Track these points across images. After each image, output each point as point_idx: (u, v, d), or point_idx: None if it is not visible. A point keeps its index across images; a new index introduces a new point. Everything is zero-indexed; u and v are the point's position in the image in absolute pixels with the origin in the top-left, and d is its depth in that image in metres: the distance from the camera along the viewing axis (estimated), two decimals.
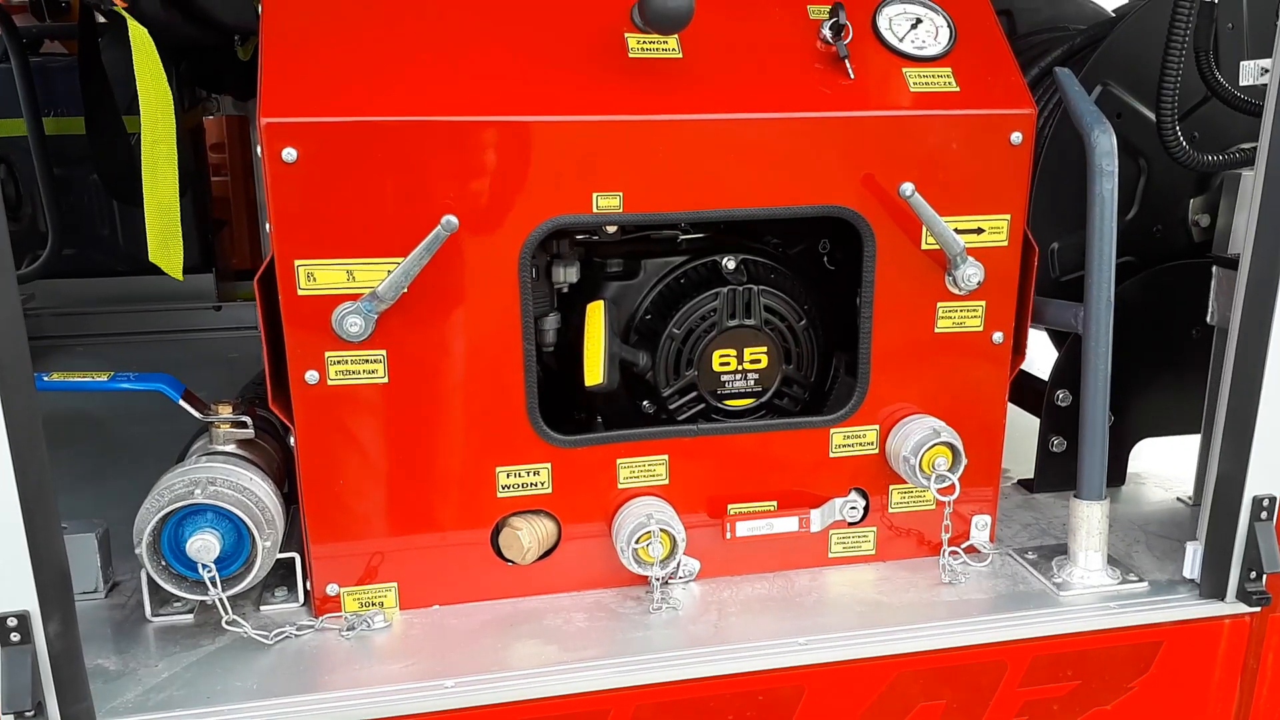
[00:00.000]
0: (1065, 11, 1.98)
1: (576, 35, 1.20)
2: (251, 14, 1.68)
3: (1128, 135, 1.47)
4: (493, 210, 1.14)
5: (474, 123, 1.12)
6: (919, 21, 1.27)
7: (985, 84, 1.24)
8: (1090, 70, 1.48)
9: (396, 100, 1.10)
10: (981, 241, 1.26)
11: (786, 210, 1.22)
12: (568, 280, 1.29)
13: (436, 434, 1.19)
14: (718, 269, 1.32)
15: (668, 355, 1.29)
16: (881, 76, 1.23)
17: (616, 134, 1.15)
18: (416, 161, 1.11)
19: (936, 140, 1.22)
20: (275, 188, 1.08)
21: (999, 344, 1.30)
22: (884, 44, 1.26)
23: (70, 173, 2.39)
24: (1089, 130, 1.21)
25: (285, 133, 1.07)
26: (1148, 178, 1.54)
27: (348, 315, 1.11)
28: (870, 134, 1.20)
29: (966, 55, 1.26)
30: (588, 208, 1.16)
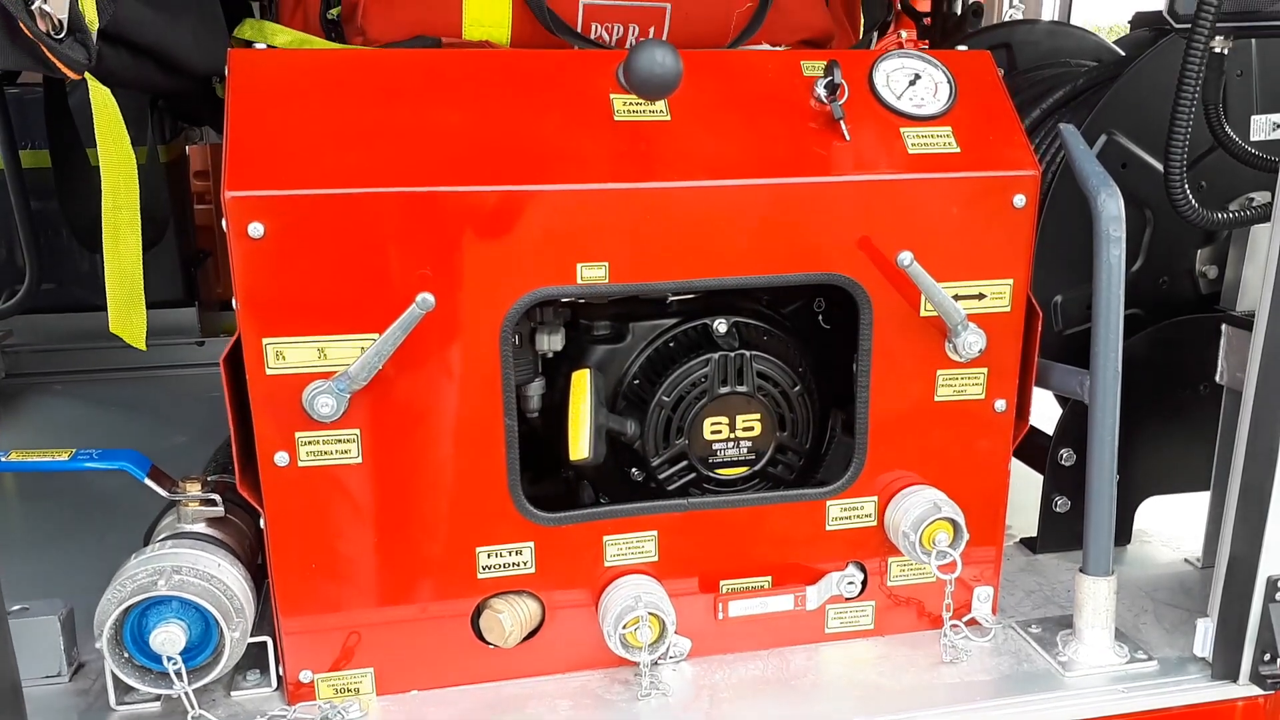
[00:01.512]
0: (1065, 45, 1.93)
1: (559, 97, 1.14)
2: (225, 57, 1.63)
3: (1133, 186, 1.41)
4: (471, 284, 1.08)
5: (450, 194, 1.06)
6: (917, 77, 1.22)
7: (986, 143, 1.19)
8: (1095, 120, 1.43)
9: (368, 171, 1.05)
10: (983, 307, 1.21)
11: (780, 279, 1.17)
12: (552, 348, 1.24)
13: (413, 515, 1.14)
14: (708, 332, 1.27)
15: (657, 423, 1.24)
16: (878, 137, 1.18)
17: (602, 203, 1.10)
18: (390, 235, 1.05)
19: (936, 204, 1.17)
20: (242, 265, 1.03)
21: (1001, 412, 1.25)
22: (881, 101, 1.20)
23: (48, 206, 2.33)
24: (1095, 193, 1.16)
25: (251, 207, 1.02)
26: (1154, 229, 1.49)
27: (319, 395, 1.06)
28: (867, 199, 1.15)
29: (967, 113, 1.21)
30: (572, 279, 1.11)
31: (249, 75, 1.09)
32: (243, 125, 1.05)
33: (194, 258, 2.56)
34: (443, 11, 1.56)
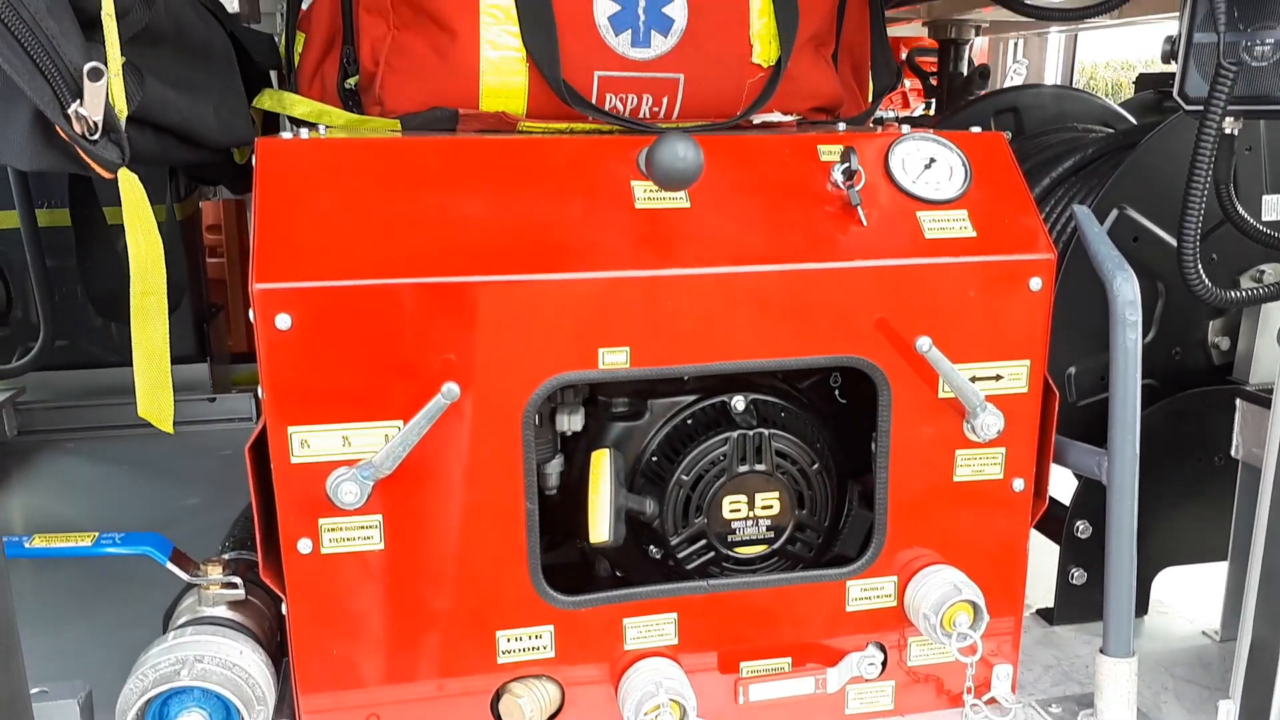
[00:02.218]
0: (1071, 109, 1.96)
1: (581, 184, 1.16)
2: (245, 129, 1.65)
3: (1145, 259, 1.43)
4: (495, 371, 1.09)
5: (474, 283, 1.08)
6: (933, 161, 1.24)
7: (1002, 227, 1.21)
8: (1106, 195, 1.45)
9: (393, 261, 1.06)
10: (1000, 388, 1.21)
11: (799, 362, 1.18)
12: (572, 428, 1.24)
13: (434, 599, 1.14)
14: (726, 410, 1.28)
15: (676, 502, 1.25)
16: (895, 221, 1.19)
17: (623, 289, 1.11)
18: (415, 323, 1.06)
19: (953, 288, 1.18)
20: (269, 355, 1.04)
21: (1019, 492, 1.25)
22: (897, 185, 1.22)
23: (64, 264, 2.35)
24: (1110, 277, 1.18)
25: (279, 299, 1.03)
26: (1166, 301, 1.50)
27: (343, 483, 1.07)
28: (885, 283, 1.16)
29: (982, 196, 1.22)
30: (593, 364, 1.12)
31: (276, 166, 1.10)
32: (270, 217, 1.07)
33: (206, 312, 2.57)
34: (460, 83, 1.58)
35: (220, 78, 1.55)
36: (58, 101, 0.89)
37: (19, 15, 0.85)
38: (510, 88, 1.59)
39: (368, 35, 1.62)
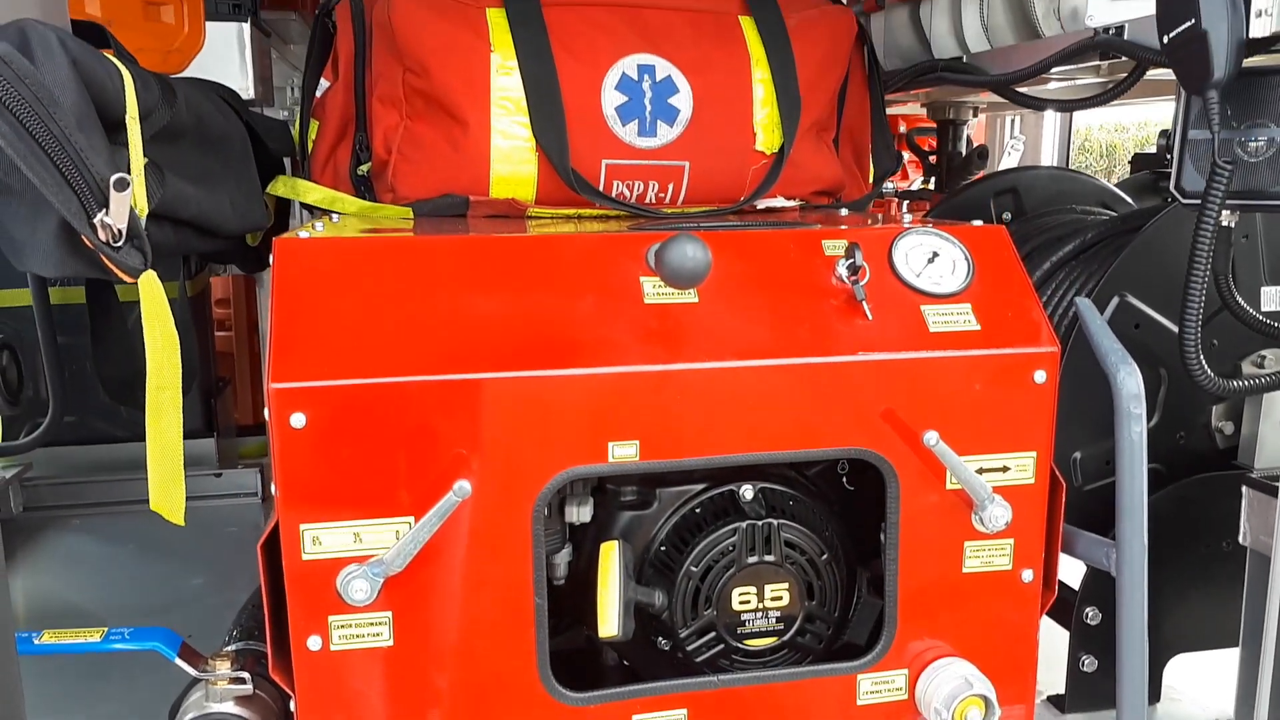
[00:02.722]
0: (1069, 190, 2.00)
1: (591, 280, 1.18)
2: (260, 216, 1.68)
3: (1147, 345, 1.45)
4: (506, 466, 1.10)
5: (486, 380, 1.09)
6: (936, 255, 1.26)
7: (1005, 320, 1.23)
8: (1107, 284, 1.47)
9: (407, 359, 1.08)
10: (1007, 480, 1.22)
11: (807, 454, 1.19)
12: (580, 519, 1.25)
13: (442, 695, 1.13)
14: (735, 499, 1.28)
15: (685, 594, 1.24)
16: (900, 315, 1.21)
17: (633, 384, 1.13)
18: (427, 420, 1.08)
19: (958, 381, 1.19)
20: (283, 454, 1.05)
21: (1029, 583, 1.25)
22: (900, 279, 1.24)
23: (74, 340, 2.37)
24: (1114, 371, 1.19)
25: (294, 398, 1.04)
26: (1168, 386, 1.52)
27: (354, 580, 1.07)
28: (891, 377, 1.18)
29: (985, 290, 1.24)
30: (603, 458, 1.13)
31: (294, 265, 1.12)
32: (287, 316, 1.09)
33: (214, 387, 2.59)
34: (471, 171, 1.63)
35: (236, 167, 1.58)
36: (84, 212, 0.92)
37: (50, 131, 0.88)
38: (520, 176, 1.63)
39: (381, 124, 1.67)
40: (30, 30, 0.92)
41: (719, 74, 1.68)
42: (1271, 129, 1.23)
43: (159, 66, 1.62)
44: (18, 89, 0.87)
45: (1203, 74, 1.14)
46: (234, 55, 1.89)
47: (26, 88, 0.87)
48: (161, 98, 1.26)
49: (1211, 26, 1.13)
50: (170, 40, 1.59)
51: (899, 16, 2.27)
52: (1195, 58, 1.15)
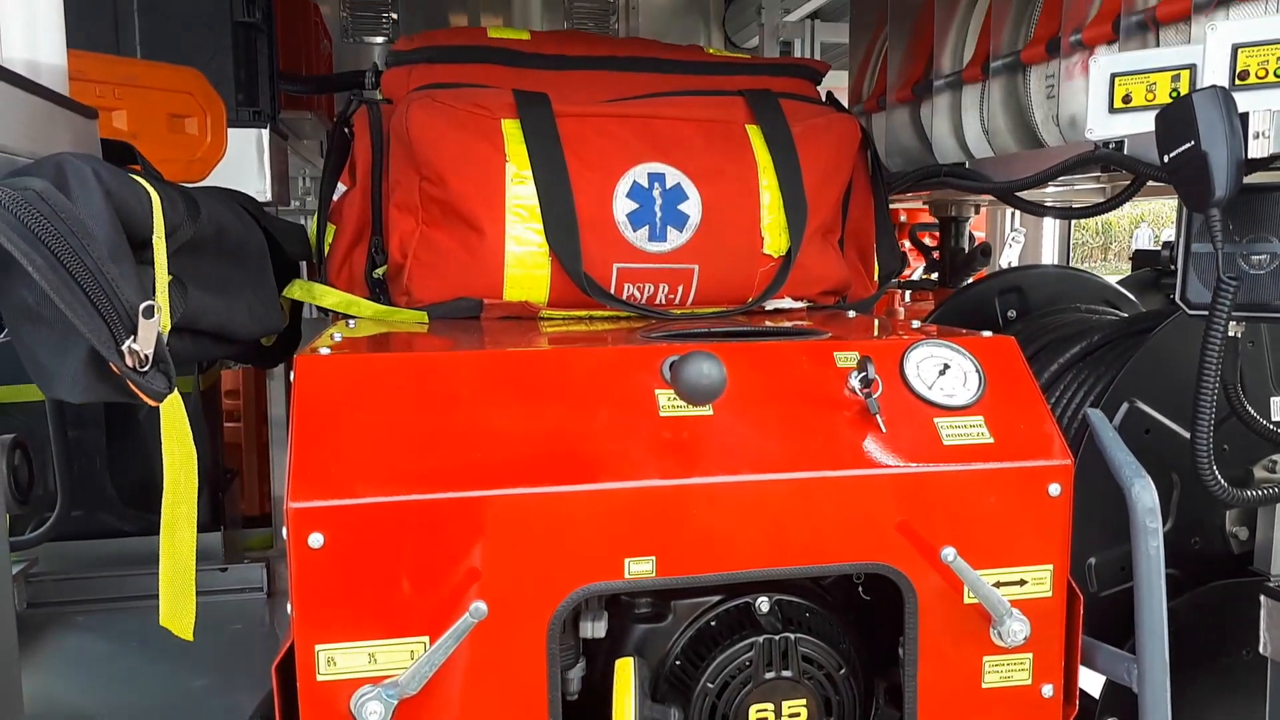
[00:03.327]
0: (1072, 289, 2.03)
1: (606, 394, 1.19)
2: (276, 320, 1.70)
3: (1158, 451, 1.46)
4: (521, 584, 1.10)
5: (502, 496, 1.10)
6: (947, 367, 1.28)
7: (1018, 433, 1.23)
8: (1115, 390, 1.48)
9: (424, 477, 1.09)
10: (1024, 593, 1.22)
11: (823, 569, 1.18)
12: (595, 634, 1.24)
13: None
14: (750, 611, 1.27)
15: (701, 711, 1.23)
16: (913, 428, 1.22)
17: (649, 500, 1.13)
18: (445, 539, 1.08)
19: (974, 494, 1.20)
20: (300, 575, 1.05)
21: (1049, 698, 1.24)
22: (913, 391, 1.25)
23: (83, 434, 2.38)
24: (1128, 484, 1.19)
25: (312, 518, 1.05)
26: (1181, 491, 1.51)
27: (368, 701, 1.06)
28: (906, 491, 1.18)
29: (996, 402, 1.25)
30: (619, 574, 1.13)
31: (313, 382, 1.14)
32: (307, 435, 1.09)
33: (222, 480, 2.59)
34: (485, 276, 1.65)
35: (254, 274, 1.61)
36: (113, 340, 0.93)
37: (84, 264, 0.90)
38: (533, 280, 1.66)
39: (397, 230, 1.70)
40: (67, 165, 0.95)
41: (727, 181, 1.71)
42: (1274, 243, 1.26)
43: (182, 175, 1.66)
44: (54, 224, 0.89)
45: (1205, 194, 1.17)
46: (253, 159, 1.94)
47: (62, 222, 0.90)
48: (186, 214, 1.29)
49: (1211, 148, 1.16)
50: (193, 150, 1.63)
51: (900, 116, 2.33)
52: (1196, 177, 1.18)
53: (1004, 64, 1.92)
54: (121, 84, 1.47)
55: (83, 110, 1.20)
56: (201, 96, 1.61)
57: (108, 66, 1.47)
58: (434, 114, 1.62)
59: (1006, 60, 1.91)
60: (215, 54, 1.83)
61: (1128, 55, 1.41)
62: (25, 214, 0.88)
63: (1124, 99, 1.40)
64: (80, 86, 1.31)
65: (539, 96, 1.68)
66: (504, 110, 1.65)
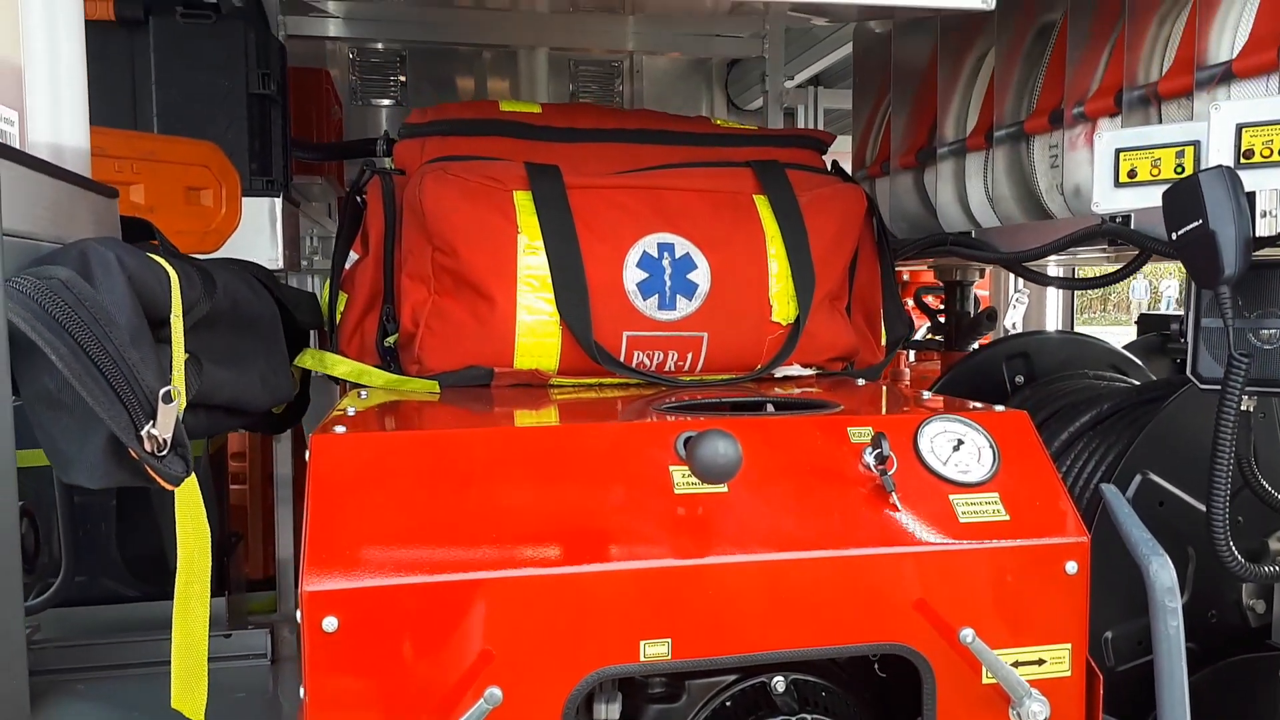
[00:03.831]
0: (1079, 354, 2.03)
1: (620, 471, 1.19)
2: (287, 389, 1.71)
3: (1172, 523, 1.45)
4: (536, 667, 1.09)
5: (517, 578, 1.09)
6: (961, 443, 1.28)
7: (1034, 510, 1.23)
8: (1128, 463, 1.48)
9: (439, 559, 1.08)
10: (1043, 673, 1.20)
11: (841, 649, 1.17)
12: (609, 716, 1.22)
13: None
14: (766, 691, 1.26)
15: None
16: (928, 505, 1.22)
17: (665, 580, 1.12)
18: (457, 622, 1.07)
19: (990, 572, 1.19)
20: (314, 659, 1.04)
21: None
22: (927, 467, 1.25)
23: (89, 499, 2.37)
24: (1146, 563, 1.19)
25: (327, 601, 1.04)
26: (1196, 564, 1.51)
27: None
28: (923, 569, 1.18)
29: (1011, 479, 1.25)
30: (634, 657, 1.12)
31: (329, 462, 1.14)
32: (322, 515, 1.09)
33: (227, 543, 2.57)
34: (496, 344, 1.66)
35: (267, 344, 1.62)
36: (133, 425, 0.93)
37: (106, 350, 0.91)
38: (544, 348, 1.67)
39: (409, 299, 1.72)
40: (91, 252, 0.96)
41: (736, 250, 1.73)
42: None
43: (197, 246, 1.68)
44: (78, 312, 0.90)
45: (1214, 272, 1.18)
46: (265, 228, 1.96)
47: (86, 310, 0.90)
48: (203, 290, 1.30)
49: (1219, 227, 1.18)
50: (209, 221, 1.65)
51: (904, 182, 2.36)
52: (1205, 255, 1.19)
53: (1007, 133, 1.95)
54: (140, 159, 1.50)
55: (103, 190, 1.22)
56: (218, 169, 1.64)
57: (127, 142, 1.49)
58: (448, 186, 1.64)
59: (1010, 130, 1.94)
60: (231, 125, 1.86)
61: (1132, 131, 1.43)
62: (49, 302, 0.89)
63: (1129, 174, 1.42)
64: (100, 163, 1.33)
65: (550, 169, 1.70)
66: (516, 182, 1.67)
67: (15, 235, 0.94)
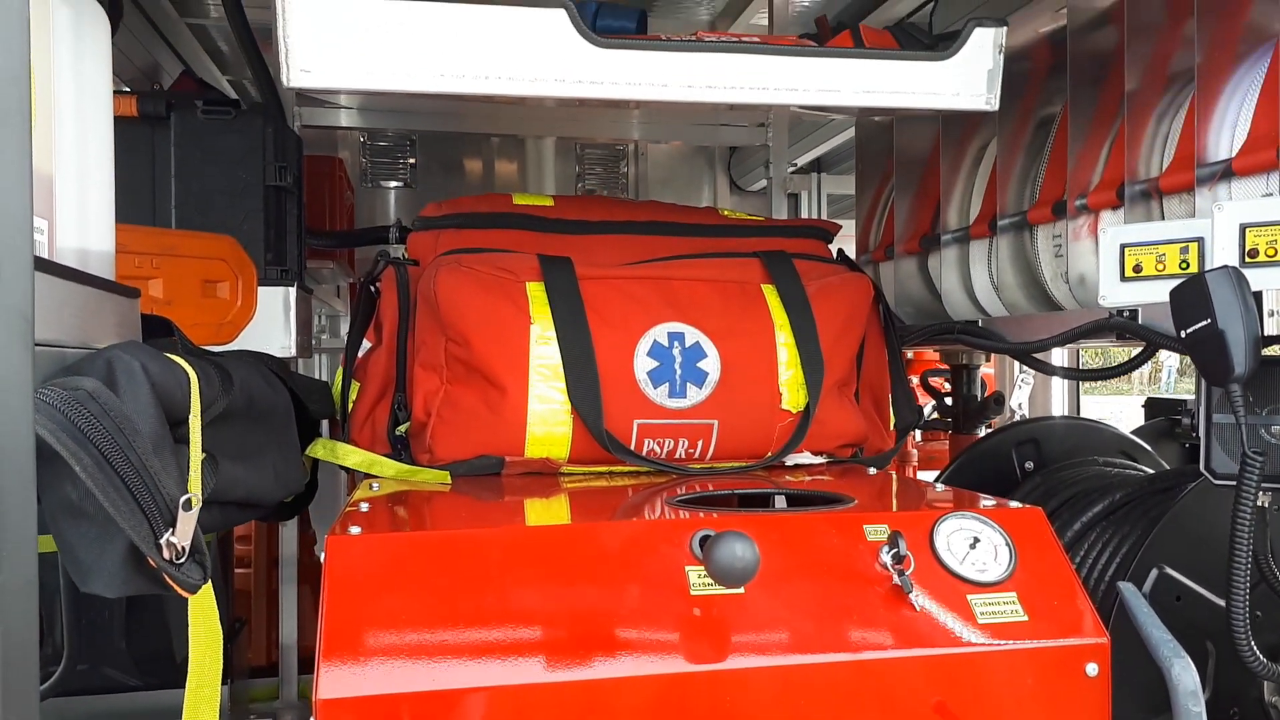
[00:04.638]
0: (1088, 440, 2.04)
1: (635, 572, 1.19)
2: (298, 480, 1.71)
3: (1191, 618, 1.44)
4: None
5: (531, 686, 1.08)
6: (977, 541, 1.27)
7: (1052, 609, 1.22)
8: (1143, 558, 1.48)
9: (453, 666, 1.07)
10: None
11: None
12: None
13: None
14: None
15: None
16: (947, 605, 1.21)
17: (682, 687, 1.11)
18: None
19: (1010, 674, 1.17)
20: None
21: None
22: (944, 566, 1.25)
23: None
24: (1168, 665, 1.18)
25: (342, 710, 1.03)
26: (1217, 659, 1.49)
27: None
28: (942, 671, 1.16)
29: (1029, 578, 1.25)
30: None
31: (344, 565, 1.13)
32: (338, 620, 1.08)
33: (231, 629, 2.54)
34: (507, 433, 1.67)
35: (279, 435, 1.62)
36: (153, 534, 0.93)
37: (129, 460, 0.91)
38: (555, 436, 1.67)
39: (421, 388, 1.73)
40: (116, 361, 0.97)
41: (745, 339, 1.75)
42: None
43: (212, 338, 1.70)
44: (102, 422, 0.90)
45: (1224, 371, 1.19)
46: (279, 316, 1.98)
47: (110, 420, 0.91)
48: (220, 388, 1.31)
49: (1228, 327, 1.19)
50: (224, 313, 1.67)
51: (908, 267, 2.39)
52: (1215, 354, 1.20)
53: (1011, 222, 1.98)
54: (160, 254, 1.52)
55: (126, 291, 1.24)
56: (235, 262, 1.66)
57: (148, 239, 1.52)
58: (461, 278, 1.66)
59: (1013, 219, 1.97)
60: (248, 217, 1.90)
61: (1136, 227, 1.46)
62: (75, 413, 0.90)
63: (1135, 268, 1.44)
64: (123, 259, 1.35)
65: (562, 260, 1.73)
66: (529, 273, 1.70)
67: (44, 344, 0.96)
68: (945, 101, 1.45)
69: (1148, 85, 1.65)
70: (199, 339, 1.58)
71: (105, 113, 1.22)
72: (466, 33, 1.31)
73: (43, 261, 0.97)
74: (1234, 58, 1.51)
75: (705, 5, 2.91)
